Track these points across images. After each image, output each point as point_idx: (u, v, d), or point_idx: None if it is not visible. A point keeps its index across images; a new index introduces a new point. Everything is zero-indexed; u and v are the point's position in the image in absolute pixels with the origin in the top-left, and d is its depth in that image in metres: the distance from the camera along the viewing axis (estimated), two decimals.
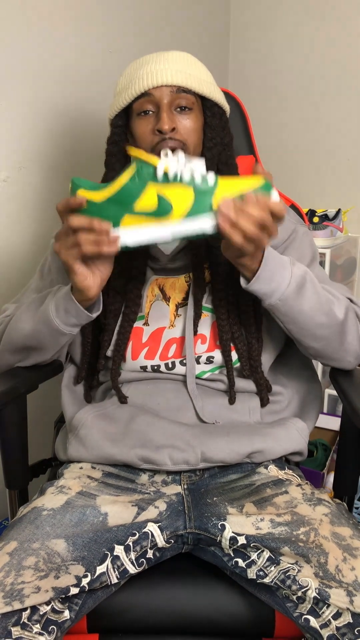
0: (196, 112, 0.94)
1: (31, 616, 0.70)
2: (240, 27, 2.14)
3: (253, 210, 0.76)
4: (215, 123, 0.96)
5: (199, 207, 0.77)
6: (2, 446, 1.03)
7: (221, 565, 0.84)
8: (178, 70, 0.92)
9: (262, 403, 1.01)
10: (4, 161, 1.36)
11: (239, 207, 0.76)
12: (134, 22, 1.67)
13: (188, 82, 0.92)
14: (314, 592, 0.71)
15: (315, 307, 0.89)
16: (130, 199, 0.78)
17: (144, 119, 0.93)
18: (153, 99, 0.91)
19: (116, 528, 0.81)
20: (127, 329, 0.98)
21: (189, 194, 0.77)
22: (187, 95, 0.92)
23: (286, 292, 0.87)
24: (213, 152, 0.96)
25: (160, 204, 0.77)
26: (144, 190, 0.77)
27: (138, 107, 0.93)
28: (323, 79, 2.00)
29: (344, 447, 1.05)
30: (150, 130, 0.92)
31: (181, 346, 0.98)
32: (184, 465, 0.92)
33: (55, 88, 1.45)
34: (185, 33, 1.90)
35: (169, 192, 0.77)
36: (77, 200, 0.79)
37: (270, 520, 0.81)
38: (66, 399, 1.04)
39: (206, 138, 0.96)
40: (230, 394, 0.99)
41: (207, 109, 0.96)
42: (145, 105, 0.92)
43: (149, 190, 0.77)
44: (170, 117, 0.90)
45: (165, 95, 0.91)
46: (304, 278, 0.89)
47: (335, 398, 1.98)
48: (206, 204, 0.77)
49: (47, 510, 0.82)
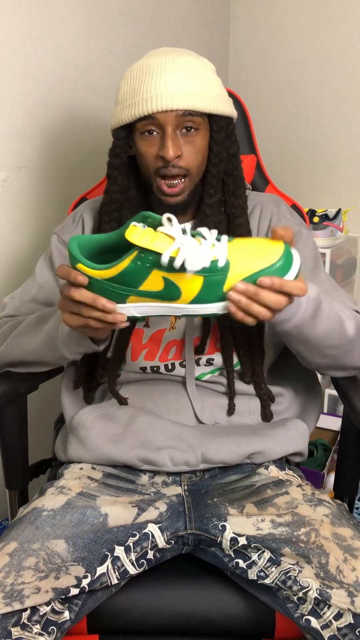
0: (202, 131, 0.91)
1: (31, 617, 0.70)
2: (240, 27, 2.14)
3: (267, 298, 0.70)
4: (222, 137, 0.93)
5: (210, 293, 0.71)
6: (2, 446, 1.03)
7: (222, 566, 0.84)
8: (184, 92, 0.87)
9: (266, 418, 0.99)
10: (4, 161, 1.36)
11: (252, 295, 0.70)
12: (133, 22, 1.67)
13: (194, 104, 0.87)
14: (315, 593, 0.71)
15: (328, 329, 0.86)
16: (135, 282, 0.71)
17: (147, 139, 0.90)
18: (157, 122, 0.87)
19: (116, 529, 0.81)
20: (126, 332, 0.98)
21: (197, 280, 0.70)
22: (194, 117, 0.88)
23: (302, 318, 0.82)
24: (219, 168, 0.93)
25: (167, 287, 0.71)
26: (149, 276, 0.70)
27: (141, 127, 0.89)
28: (323, 78, 2.00)
29: (344, 447, 1.05)
30: (154, 153, 0.89)
31: (181, 348, 0.98)
32: (184, 467, 0.92)
33: (55, 88, 1.45)
34: (185, 33, 1.90)
35: (176, 278, 0.70)
36: (77, 278, 0.71)
37: (271, 520, 0.80)
38: (66, 400, 1.04)
39: (212, 154, 0.93)
40: (230, 404, 0.98)
41: (214, 124, 0.92)
42: (149, 127, 0.88)
43: (154, 274, 0.70)
44: (175, 143, 0.87)
45: (170, 121, 0.87)
46: (319, 301, 0.85)
47: (335, 398, 1.97)
48: (217, 289, 0.70)
49: (47, 510, 0.82)
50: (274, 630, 0.81)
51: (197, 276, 0.70)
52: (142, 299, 0.73)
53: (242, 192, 0.97)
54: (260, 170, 1.26)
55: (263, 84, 2.13)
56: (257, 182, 1.25)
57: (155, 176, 0.91)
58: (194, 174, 0.91)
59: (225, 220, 0.97)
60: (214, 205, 0.94)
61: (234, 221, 0.96)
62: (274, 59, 2.09)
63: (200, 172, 0.93)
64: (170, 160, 0.87)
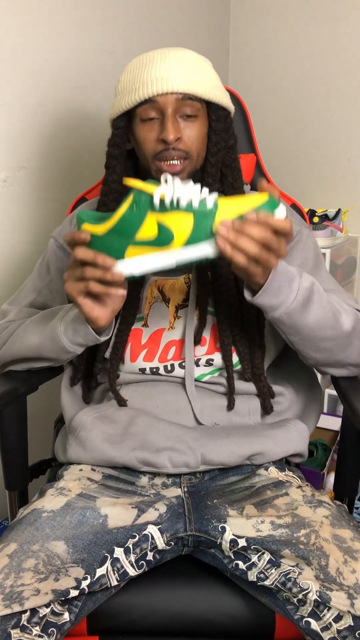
0: (201, 118, 0.92)
1: (31, 618, 0.70)
2: (240, 27, 2.13)
3: (253, 230, 0.73)
4: (220, 127, 0.94)
5: (200, 232, 0.75)
6: (2, 447, 1.03)
7: (221, 568, 0.84)
8: (184, 76, 0.89)
9: (266, 411, 1.00)
10: (4, 161, 1.36)
11: (238, 228, 0.73)
12: (133, 22, 1.66)
13: (194, 88, 0.89)
14: (315, 595, 0.71)
15: (321, 320, 0.87)
16: (131, 230, 0.76)
17: (147, 125, 0.91)
18: (157, 106, 0.89)
19: (116, 530, 0.81)
20: (125, 331, 0.98)
21: (188, 220, 0.75)
22: (193, 102, 0.89)
23: (292, 306, 0.84)
24: (217, 157, 0.94)
25: (161, 232, 0.76)
26: (144, 220, 0.76)
27: (141, 113, 0.90)
28: (323, 78, 1.99)
29: (344, 448, 1.05)
30: (154, 138, 0.90)
31: (180, 348, 0.98)
32: (184, 468, 0.91)
33: (55, 88, 1.45)
34: (185, 33, 1.90)
35: (169, 220, 0.75)
36: (81, 234, 0.78)
37: (271, 522, 0.80)
38: (66, 400, 1.04)
39: (211, 143, 0.94)
40: (230, 399, 0.98)
41: (212, 113, 0.93)
42: (149, 112, 0.90)
43: (149, 220, 0.76)
44: (175, 126, 0.88)
45: (170, 103, 0.88)
46: (311, 290, 0.86)
47: (335, 398, 1.97)
48: (207, 229, 0.75)
49: (47, 512, 0.82)
50: (274, 631, 0.81)
51: (187, 215, 0.75)
52: (139, 249, 0.77)
53: (240, 184, 0.98)
54: (260, 170, 1.26)
55: (263, 84, 2.12)
56: (257, 181, 1.25)
57: (154, 160, 0.91)
58: (193, 158, 0.92)
59: None
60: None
61: None
62: (274, 58, 2.09)
63: (200, 159, 0.94)
64: (171, 142, 0.88)
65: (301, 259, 1.00)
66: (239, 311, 0.97)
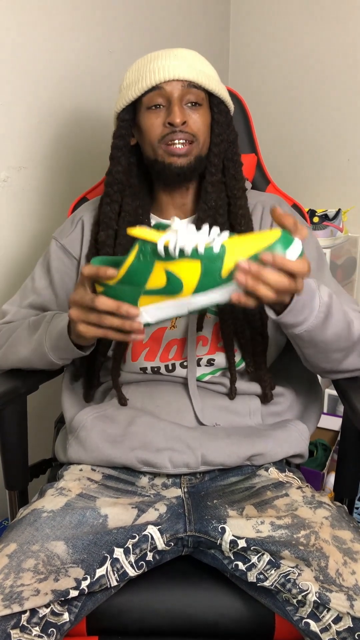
0: (205, 108, 0.96)
1: (30, 619, 0.70)
2: (240, 26, 2.13)
3: (269, 277, 0.70)
4: (222, 120, 0.98)
5: (209, 278, 0.73)
6: (2, 446, 1.03)
7: (221, 568, 0.84)
8: (189, 66, 0.93)
9: (266, 399, 0.99)
10: (4, 161, 1.36)
11: (255, 273, 0.70)
12: (133, 22, 1.66)
13: (199, 77, 0.93)
14: (314, 596, 0.71)
15: (337, 333, 0.87)
16: (140, 280, 0.75)
17: (153, 112, 0.94)
18: (164, 93, 0.93)
19: (116, 530, 0.81)
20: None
21: (196, 267, 0.73)
22: (198, 90, 0.94)
23: (314, 323, 0.83)
24: (220, 148, 0.98)
25: (170, 280, 0.74)
26: (152, 269, 0.74)
27: (148, 101, 0.94)
28: (323, 78, 1.99)
29: (344, 448, 1.05)
30: (161, 122, 0.93)
31: (182, 348, 0.98)
32: (184, 469, 0.91)
33: (55, 88, 1.44)
34: (185, 32, 1.90)
35: (176, 268, 0.73)
36: (107, 271, 0.74)
37: (271, 523, 0.80)
38: (66, 400, 1.04)
39: (214, 134, 0.97)
40: (232, 388, 0.97)
41: (215, 106, 0.97)
42: (156, 99, 0.93)
43: (157, 268, 0.74)
44: (181, 110, 0.92)
45: (176, 90, 0.92)
46: (330, 305, 0.86)
47: (335, 398, 1.97)
48: (215, 274, 0.73)
49: (47, 512, 0.82)
50: (273, 632, 0.81)
51: (194, 262, 0.73)
52: (150, 298, 0.76)
53: (241, 176, 1.01)
54: (261, 170, 1.26)
55: (263, 84, 2.12)
56: (258, 181, 1.25)
57: (160, 144, 0.94)
58: (200, 142, 0.95)
59: (226, 201, 0.99)
60: (215, 184, 0.98)
61: (235, 203, 0.99)
62: (274, 58, 2.09)
63: (205, 147, 0.97)
64: (177, 125, 0.91)
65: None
66: (241, 309, 0.97)
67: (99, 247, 1.00)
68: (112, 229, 0.99)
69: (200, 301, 0.75)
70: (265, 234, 0.73)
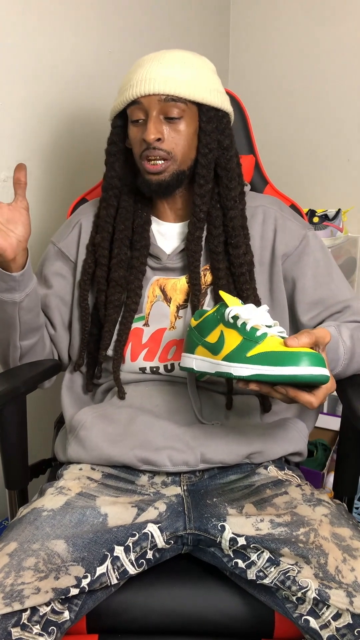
0: (187, 119, 0.93)
1: (31, 617, 0.70)
2: (240, 27, 2.13)
3: (277, 395, 0.79)
4: (211, 128, 0.95)
5: (239, 353, 0.80)
6: (2, 446, 1.03)
7: (221, 566, 0.84)
8: (168, 78, 0.91)
9: (265, 409, 1.01)
10: (4, 161, 1.36)
11: (266, 392, 0.79)
12: (133, 23, 1.67)
13: (178, 89, 0.91)
14: (314, 593, 0.71)
15: (357, 369, 0.96)
16: (206, 331, 0.86)
17: (135, 127, 0.95)
18: (143, 107, 0.92)
19: (116, 529, 0.81)
20: (128, 319, 0.99)
21: (237, 339, 0.81)
22: (177, 103, 0.92)
23: (340, 369, 0.92)
24: (208, 158, 0.96)
25: (218, 341, 0.83)
26: (216, 327, 0.85)
27: (131, 114, 0.94)
28: (323, 78, 2.00)
29: (344, 447, 1.05)
30: (140, 138, 0.93)
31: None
32: (183, 467, 0.91)
33: (55, 88, 1.45)
34: (185, 33, 1.90)
35: (227, 332, 0.82)
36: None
37: (270, 521, 0.81)
38: (66, 400, 1.04)
39: (201, 144, 0.95)
40: (228, 398, 0.98)
41: (202, 114, 0.95)
42: (137, 113, 0.93)
43: (218, 328, 0.84)
44: (156, 127, 0.91)
45: (153, 105, 0.91)
46: (353, 346, 0.92)
47: (335, 398, 1.97)
48: (243, 353, 0.79)
49: (47, 511, 0.82)
50: (273, 630, 0.81)
51: (238, 335, 0.81)
52: (203, 350, 0.86)
53: (235, 184, 0.99)
54: (259, 171, 1.26)
55: (263, 84, 2.12)
56: (256, 182, 1.25)
57: (140, 160, 0.95)
58: (176, 159, 0.94)
59: (220, 213, 0.99)
60: (204, 195, 0.97)
61: (227, 213, 0.98)
62: (274, 59, 2.09)
63: (186, 160, 0.95)
64: (151, 142, 0.91)
65: (313, 261, 1.01)
66: None
67: (94, 249, 1.02)
68: (107, 232, 1.01)
69: (224, 368, 0.81)
70: (302, 352, 0.76)
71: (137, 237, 1.01)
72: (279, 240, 1.02)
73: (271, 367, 0.75)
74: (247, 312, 0.82)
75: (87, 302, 1.04)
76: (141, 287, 1.00)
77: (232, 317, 0.82)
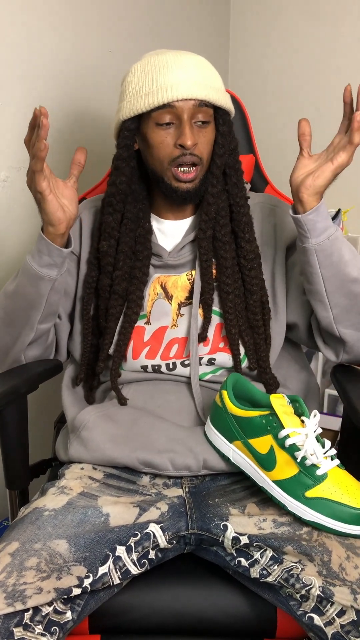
0: (212, 124, 0.95)
1: (33, 617, 0.69)
2: (240, 27, 2.14)
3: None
4: (226, 130, 0.96)
5: (294, 487, 0.78)
6: (2, 446, 1.02)
7: (223, 565, 0.83)
8: (199, 83, 0.91)
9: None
10: (4, 161, 1.36)
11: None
12: (133, 23, 1.67)
13: (209, 95, 0.91)
14: (318, 590, 0.71)
15: (353, 259, 0.92)
16: (250, 433, 0.83)
17: (164, 130, 0.92)
18: (175, 111, 0.91)
19: (118, 529, 0.80)
20: (128, 329, 0.98)
21: (292, 469, 0.79)
22: (207, 108, 0.92)
23: (336, 234, 0.89)
24: (222, 160, 0.96)
25: (269, 457, 0.80)
26: (263, 436, 0.81)
27: (157, 117, 0.92)
28: (323, 79, 2.00)
29: (344, 447, 1.04)
30: (172, 142, 0.92)
31: (183, 346, 0.98)
32: (185, 471, 0.91)
33: (55, 88, 1.45)
34: (185, 33, 1.90)
35: (280, 453, 0.80)
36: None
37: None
38: (67, 400, 1.04)
39: (217, 146, 0.96)
40: None
41: (220, 117, 0.96)
42: (165, 117, 0.91)
43: (266, 438, 0.81)
44: (192, 132, 0.91)
45: (187, 109, 0.91)
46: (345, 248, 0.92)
47: (335, 398, 1.97)
48: (300, 491, 0.78)
49: (49, 510, 0.82)
50: (276, 629, 0.81)
51: (294, 464, 0.78)
52: (244, 449, 0.84)
53: (242, 183, 1.01)
54: (259, 170, 1.26)
55: (263, 84, 2.13)
56: (256, 182, 1.25)
57: (170, 165, 0.93)
58: (204, 163, 0.95)
59: (228, 210, 0.99)
60: (216, 195, 0.97)
61: (238, 210, 0.98)
62: (273, 59, 2.09)
63: (208, 163, 0.96)
64: (189, 148, 0.90)
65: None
66: (244, 308, 0.97)
67: (100, 256, 1.01)
68: (114, 239, 0.99)
69: (277, 495, 0.80)
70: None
71: (139, 247, 1.00)
72: (279, 235, 1.03)
73: (336, 522, 0.75)
74: (307, 443, 0.77)
75: (89, 315, 1.03)
76: (142, 297, 0.99)
77: (289, 445, 0.78)
